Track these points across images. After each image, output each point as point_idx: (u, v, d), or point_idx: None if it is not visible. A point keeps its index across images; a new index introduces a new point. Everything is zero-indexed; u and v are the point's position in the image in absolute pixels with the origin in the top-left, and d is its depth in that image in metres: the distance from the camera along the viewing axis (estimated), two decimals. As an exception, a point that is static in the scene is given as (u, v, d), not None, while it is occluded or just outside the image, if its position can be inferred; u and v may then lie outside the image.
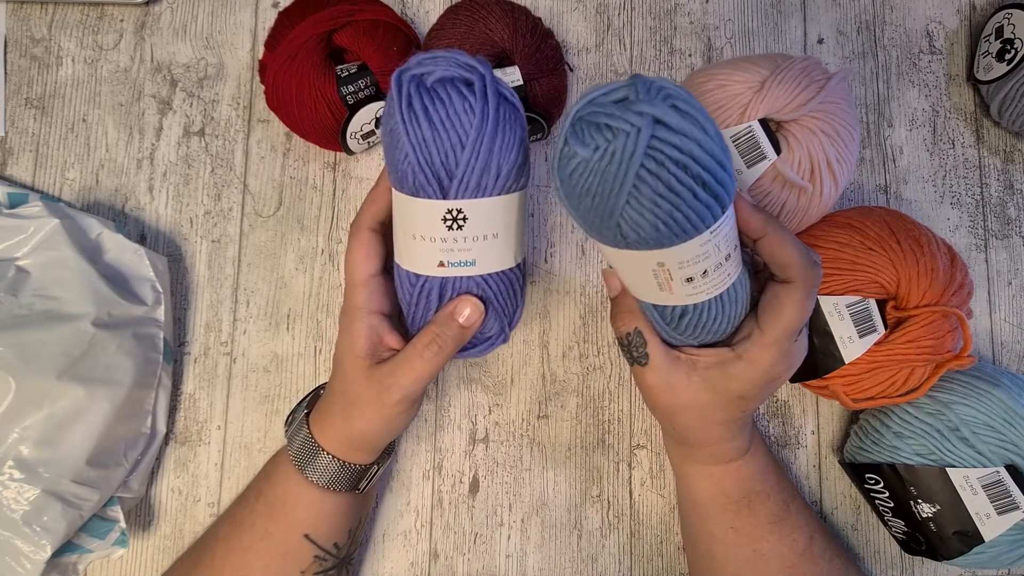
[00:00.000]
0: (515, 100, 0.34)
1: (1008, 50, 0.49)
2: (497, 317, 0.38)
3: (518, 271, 0.38)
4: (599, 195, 0.29)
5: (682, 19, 0.54)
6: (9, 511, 0.39)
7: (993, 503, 0.41)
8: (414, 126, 0.33)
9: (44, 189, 0.51)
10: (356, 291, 0.37)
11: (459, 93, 0.33)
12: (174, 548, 0.47)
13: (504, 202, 0.34)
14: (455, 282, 0.36)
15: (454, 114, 0.32)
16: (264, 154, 0.51)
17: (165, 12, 0.52)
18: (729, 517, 0.41)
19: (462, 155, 0.33)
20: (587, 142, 0.29)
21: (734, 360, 0.37)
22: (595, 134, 0.29)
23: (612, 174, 0.29)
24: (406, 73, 0.33)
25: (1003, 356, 0.52)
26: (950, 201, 0.53)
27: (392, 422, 0.38)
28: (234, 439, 0.49)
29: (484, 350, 0.39)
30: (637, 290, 0.36)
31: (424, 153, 0.33)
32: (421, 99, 0.32)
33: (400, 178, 0.34)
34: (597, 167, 0.29)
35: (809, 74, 0.42)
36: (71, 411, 0.40)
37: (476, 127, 0.32)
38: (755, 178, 0.42)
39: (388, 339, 0.38)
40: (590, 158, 0.29)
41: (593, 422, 0.50)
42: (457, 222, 0.34)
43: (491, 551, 0.48)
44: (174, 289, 0.50)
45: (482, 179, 0.33)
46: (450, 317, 0.36)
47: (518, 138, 0.34)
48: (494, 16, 0.46)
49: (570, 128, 0.29)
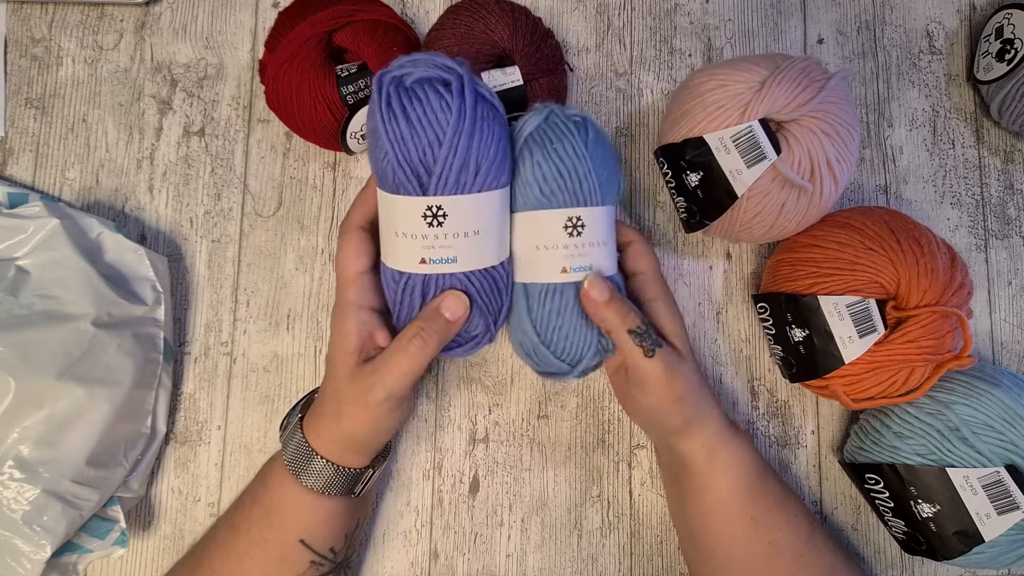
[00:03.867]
0: (494, 100, 0.35)
1: (1008, 50, 0.49)
2: (482, 315, 0.38)
3: (503, 269, 0.38)
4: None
5: (682, 19, 0.54)
6: (9, 511, 0.39)
7: (993, 503, 0.41)
8: (393, 125, 0.34)
9: (44, 189, 0.51)
10: (346, 288, 0.38)
11: (436, 92, 0.34)
12: (174, 548, 0.47)
13: (485, 199, 0.35)
14: (438, 279, 0.36)
15: (431, 112, 0.34)
16: (264, 154, 0.51)
17: (165, 12, 0.52)
18: (750, 505, 0.42)
19: (440, 152, 0.34)
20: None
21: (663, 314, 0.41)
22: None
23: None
24: (387, 75, 0.34)
25: (1003, 356, 0.52)
26: (950, 201, 0.53)
27: (380, 422, 0.38)
28: (234, 439, 0.49)
29: (470, 349, 0.40)
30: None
31: (403, 150, 0.34)
32: (400, 98, 0.34)
33: (382, 176, 0.35)
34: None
35: (809, 74, 0.42)
36: (71, 411, 0.40)
37: (453, 125, 0.33)
38: (755, 178, 0.42)
39: (378, 335, 0.38)
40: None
41: (593, 422, 0.50)
42: (437, 218, 0.34)
43: (491, 551, 0.48)
44: (174, 289, 0.50)
45: (460, 175, 0.34)
46: (435, 311, 0.37)
47: (497, 136, 0.35)
48: (494, 16, 0.46)
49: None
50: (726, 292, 0.51)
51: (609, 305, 0.37)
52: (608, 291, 0.37)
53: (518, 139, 0.38)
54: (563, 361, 0.39)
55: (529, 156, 0.37)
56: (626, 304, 0.38)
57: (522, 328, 0.39)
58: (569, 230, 0.37)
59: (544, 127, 0.37)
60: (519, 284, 0.39)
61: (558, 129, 0.37)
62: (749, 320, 0.51)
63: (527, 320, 0.39)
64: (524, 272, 0.39)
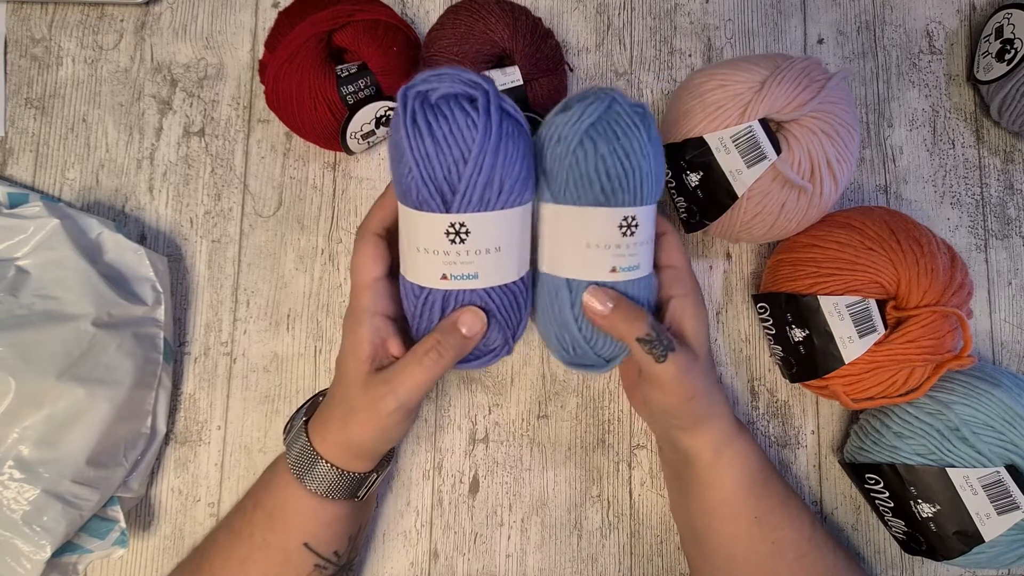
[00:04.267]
0: (519, 116, 0.35)
1: (1008, 50, 0.49)
2: (500, 329, 0.38)
3: (522, 284, 0.38)
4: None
5: (682, 19, 0.54)
6: (9, 511, 0.39)
7: (993, 503, 0.41)
8: (418, 141, 0.33)
9: (44, 189, 0.51)
10: (362, 293, 0.37)
11: (462, 109, 0.33)
12: (174, 548, 0.47)
13: (507, 216, 0.35)
14: (458, 295, 0.36)
15: (457, 130, 0.33)
16: (264, 154, 0.51)
17: (165, 12, 0.52)
18: (753, 504, 0.42)
19: (465, 170, 0.33)
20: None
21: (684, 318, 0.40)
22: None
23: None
24: (411, 89, 0.34)
25: (1003, 356, 0.52)
26: (950, 201, 0.53)
27: (388, 431, 0.38)
28: (234, 439, 0.49)
29: (488, 361, 0.40)
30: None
31: (427, 168, 0.33)
32: (425, 115, 0.33)
33: (405, 192, 0.35)
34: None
35: (809, 74, 0.42)
36: (71, 411, 0.40)
37: (479, 142, 0.33)
38: (755, 178, 0.42)
39: (391, 344, 0.38)
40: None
41: (593, 422, 0.50)
42: (460, 236, 0.34)
43: (491, 551, 0.48)
44: (174, 289, 0.50)
45: (485, 193, 0.34)
46: (453, 326, 0.36)
47: (521, 153, 0.34)
48: (494, 16, 0.46)
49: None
50: (726, 292, 0.51)
51: (615, 315, 0.37)
52: (612, 300, 0.37)
53: (576, 129, 0.35)
54: (600, 356, 0.39)
55: (592, 148, 0.35)
56: (632, 311, 0.37)
57: (562, 322, 0.38)
58: (623, 230, 0.36)
59: (607, 118, 0.35)
60: (560, 278, 0.37)
61: (623, 121, 0.35)
62: (749, 320, 0.51)
63: (569, 315, 0.38)
64: (568, 267, 0.37)
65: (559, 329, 0.39)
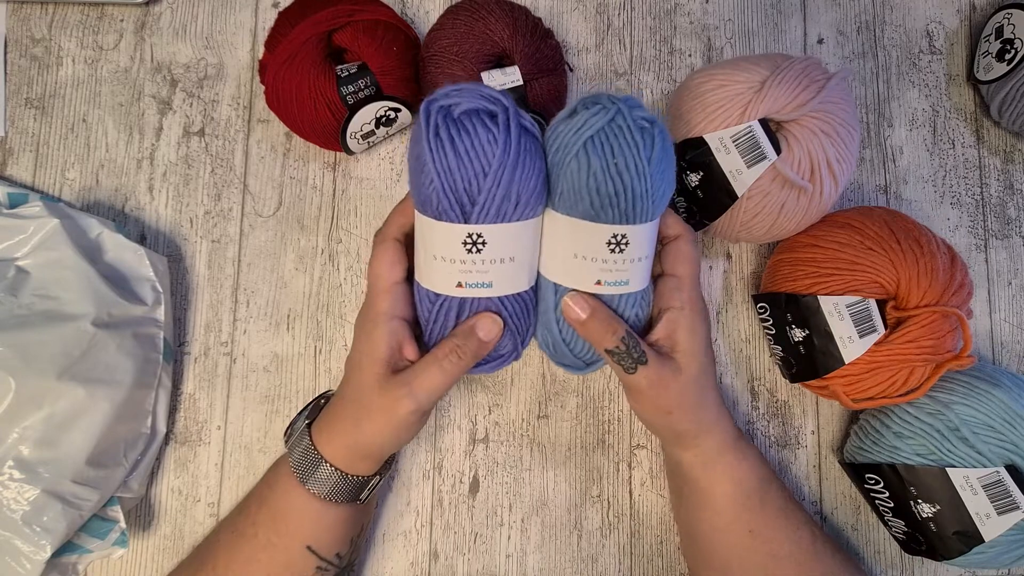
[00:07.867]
0: (536, 131, 0.36)
1: (1008, 50, 0.49)
2: (511, 336, 0.39)
3: (531, 292, 0.39)
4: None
5: (682, 19, 0.54)
6: (9, 511, 0.39)
7: (993, 503, 0.41)
8: (440, 154, 0.34)
9: (44, 189, 0.51)
10: (380, 297, 0.38)
11: (484, 125, 0.34)
12: (174, 548, 0.47)
13: (522, 227, 0.36)
14: (472, 302, 0.37)
15: (479, 144, 0.34)
16: (264, 154, 0.51)
17: (165, 12, 0.52)
18: (747, 518, 0.41)
19: (484, 183, 0.34)
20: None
21: (677, 330, 0.39)
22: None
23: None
24: (434, 104, 0.34)
25: (1003, 356, 0.52)
26: (950, 201, 0.53)
27: (401, 433, 0.38)
28: (234, 439, 0.49)
29: (497, 366, 0.41)
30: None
31: (449, 180, 0.34)
32: (448, 129, 0.34)
33: (424, 201, 0.35)
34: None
35: (809, 74, 0.42)
36: (71, 411, 0.40)
37: (499, 157, 0.34)
38: (755, 178, 0.42)
39: (407, 348, 0.38)
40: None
41: (593, 422, 0.50)
42: (476, 246, 0.35)
43: (491, 551, 0.48)
44: (174, 289, 0.50)
45: (502, 206, 0.35)
46: (471, 331, 0.37)
47: (537, 168, 0.35)
48: (494, 16, 0.46)
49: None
50: (726, 292, 0.51)
51: (590, 323, 0.37)
52: (588, 309, 0.37)
53: (576, 139, 0.34)
54: (579, 359, 0.40)
55: (586, 162, 0.34)
56: (606, 321, 0.37)
57: (545, 321, 0.39)
58: (612, 247, 0.35)
59: (607, 131, 0.34)
60: (549, 281, 0.38)
61: (623, 137, 0.34)
62: (749, 320, 0.51)
63: (552, 319, 0.39)
64: (558, 273, 0.38)
65: (543, 327, 0.40)
